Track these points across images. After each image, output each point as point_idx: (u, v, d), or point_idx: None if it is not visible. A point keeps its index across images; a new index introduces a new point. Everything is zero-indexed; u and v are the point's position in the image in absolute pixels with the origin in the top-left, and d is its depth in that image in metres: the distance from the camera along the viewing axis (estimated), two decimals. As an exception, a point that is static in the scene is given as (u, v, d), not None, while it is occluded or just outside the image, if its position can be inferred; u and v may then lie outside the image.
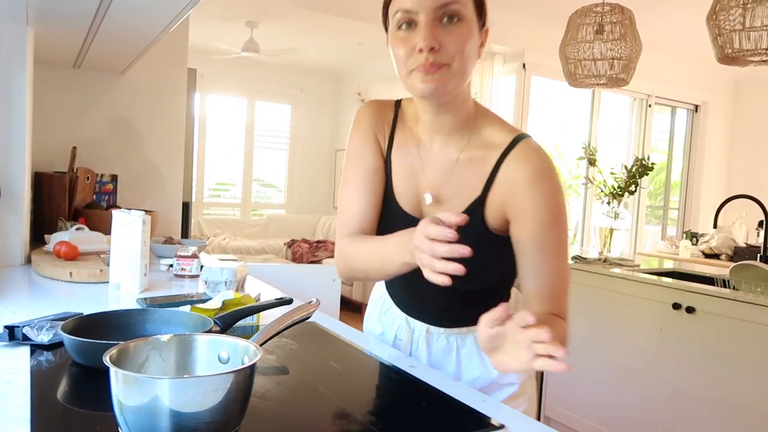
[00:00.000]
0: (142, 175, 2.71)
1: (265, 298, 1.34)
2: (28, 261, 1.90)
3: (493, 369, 0.96)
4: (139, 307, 1.31)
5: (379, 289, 1.25)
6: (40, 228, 2.19)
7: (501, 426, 0.80)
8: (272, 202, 7.59)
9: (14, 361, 0.94)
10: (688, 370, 2.28)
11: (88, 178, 2.40)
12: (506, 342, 0.78)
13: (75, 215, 2.27)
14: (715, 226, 2.95)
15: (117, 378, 0.64)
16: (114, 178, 2.61)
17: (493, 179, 0.97)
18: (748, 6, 2.50)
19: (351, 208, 1.07)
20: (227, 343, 0.78)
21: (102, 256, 1.87)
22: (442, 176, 1.01)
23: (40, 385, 0.85)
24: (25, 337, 1.02)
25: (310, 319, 1.04)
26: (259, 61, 6.52)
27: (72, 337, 0.92)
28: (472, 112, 1.01)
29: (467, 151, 0.99)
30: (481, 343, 0.81)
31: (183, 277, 1.79)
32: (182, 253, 1.80)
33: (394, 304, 1.18)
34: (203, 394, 0.64)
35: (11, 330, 1.03)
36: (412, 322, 1.14)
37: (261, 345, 0.80)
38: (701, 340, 2.24)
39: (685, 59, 5.97)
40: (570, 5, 3.35)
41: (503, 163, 0.96)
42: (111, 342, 0.78)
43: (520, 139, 0.97)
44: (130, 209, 1.58)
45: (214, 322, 1.04)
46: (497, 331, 0.77)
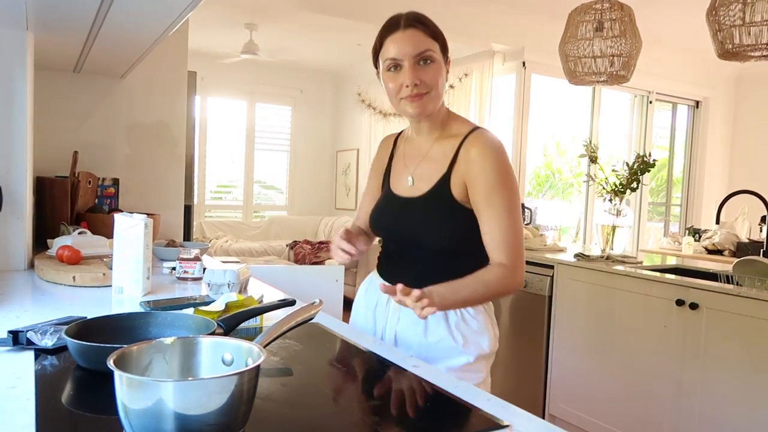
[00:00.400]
0: (143, 179, 2.72)
1: (268, 300, 1.34)
2: (31, 266, 1.90)
3: (458, 334, 1.27)
4: (143, 311, 1.31)
5: (365, 282, 1.51)
6: (43, 233, 2.20)
7: (506, 425, 0.80)
8: (274, 204, 7.59)
9: (19, 366, 0.94)
10: (692, 365, 2.28)
11: (90, 182, 2.41)
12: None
13: (77, 219, 2.27)
14: (718, 222, 2.94)
15: (121, 381, 0.65)
16: (116, 182, 2.61)
17: (455, 159, 1.26)
18: (748, 1, 2.50)
19: (360, 209, 1.53)
20: (231, 345, 0.78)
21: (105, 260, 1.87)
22: (419, 163, 1.34)
23: (45, 389, 0.85)
24: (29, 342, 1.03)
25: (313, 320, 1.04)
26: (259, 63, 6.53)
27: (76, 341, 0.92)
28: (444, 116, 1.33)
29: (437, 143, 1.32)
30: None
31: (186, 279, 1.79)
32: (185, 256, 1.81)
33: (376, 284, 1.39)
34: (208, 397, 0.64)
35: (15, 335, 1.03)
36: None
37: (264, 347, 0.80)
38: (705, 336, 2.24)
39: (686, 55, 5.96)
40: (569, 3, 3.35)
41: (462, 146, 1.27)
42: (115, 345, 0.79)
43: (476, 129, 1.29)
44: (132, 213, 1.59)
45: (218, 325, 1.04)
46: (398, 299, 1.09)
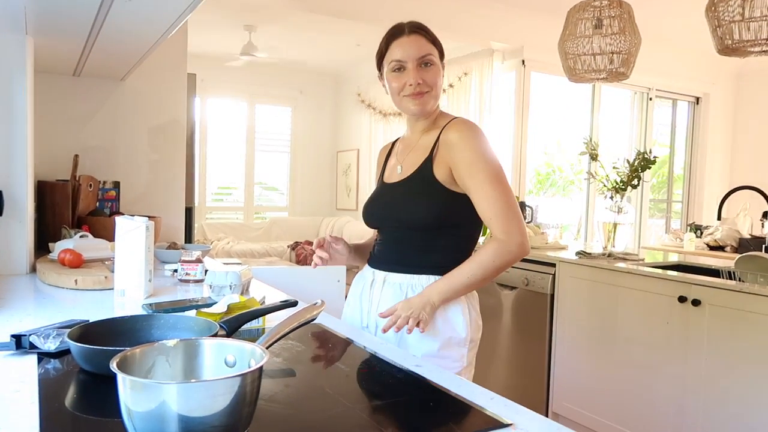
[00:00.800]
0: (144, 181, 2.72)
1: (270, 301, 1.34)
2: (33, 269, 1.91)
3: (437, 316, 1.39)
4: (145, 313, 1.31)
5: (357, 275, 1.60)
6: (44, 236, 2.20)
7: (510, 424, 0.79)
8: (275, 205, 7.59)
9: (22, 370, 0.95)
10: (695, 362, 2.27)
11: (91, 186, 2.41)
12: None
13: (78, 223, 2.28)
14: (719, 218, 2.94)
15: (124, 384, 0.65)
16: (116, 185, 2.62)
17: (437, 144, 1.40)
18: (747, -4, 2.49)
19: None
20: (233, 347, 0.78)
21: (106, 263, 1.87)
22: (408, 152, 1.48)
23: (48, 393, 0.85)
24: (32, 346, 1.03)
25: (315, 321, 1.04)
26: (259, 64, 6.53)
27: (79, 345, 0.92)
28: (436, 114, 1.47)
29: (425, 134, 1.46)
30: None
31: (188, 281, 1.79)
32: (186, 258, 1.81)
33: (364, 274, 1.52)
34: (211, 399, 0.64)
35: (18, 339, 1.03)
36: (376, 273, 1.47)
37: (267, 348, 0.80)
38: (708, 333, 2.24)
39: (685, 51, 5.95)
40: (568, 1, 3.34)
41: (442, 132, 1.40)
42: (117, 348, 0.79)
43: (456, 118, 1.44)
44: (134, 215, 1.59)
45: (220, 326, 1.04)
46: (388, 311, 1.34)
